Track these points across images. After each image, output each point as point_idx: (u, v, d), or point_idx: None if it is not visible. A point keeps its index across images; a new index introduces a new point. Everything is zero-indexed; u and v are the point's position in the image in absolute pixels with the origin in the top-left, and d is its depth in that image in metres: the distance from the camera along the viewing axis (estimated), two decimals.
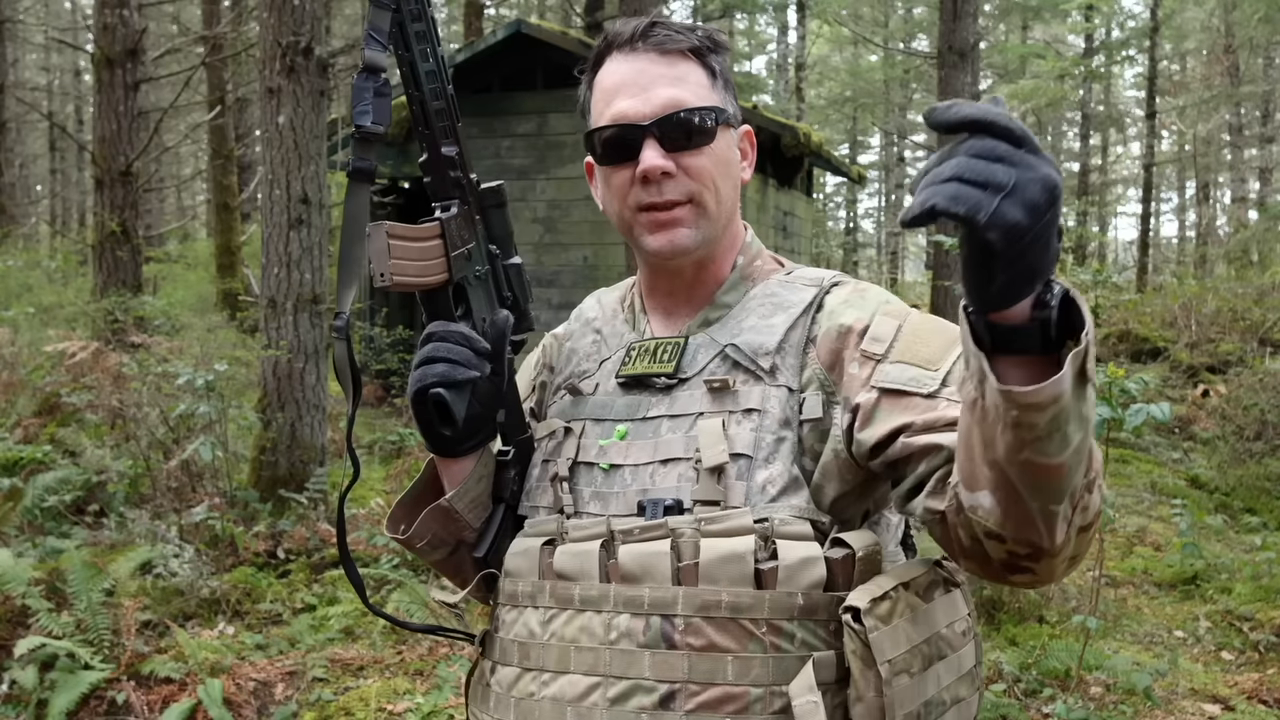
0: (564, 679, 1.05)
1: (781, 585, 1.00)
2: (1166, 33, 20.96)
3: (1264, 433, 6.92)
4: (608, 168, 1.16)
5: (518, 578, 1.12)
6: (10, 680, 3.27)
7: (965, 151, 0.71)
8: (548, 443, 1.18)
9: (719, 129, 1.14)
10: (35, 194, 25.79)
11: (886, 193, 32.52)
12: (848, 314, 1.10)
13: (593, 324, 1.27)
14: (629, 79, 1.14)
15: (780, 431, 1.06)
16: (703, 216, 1.13)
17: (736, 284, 1.18)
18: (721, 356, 1.12)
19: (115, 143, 8.49)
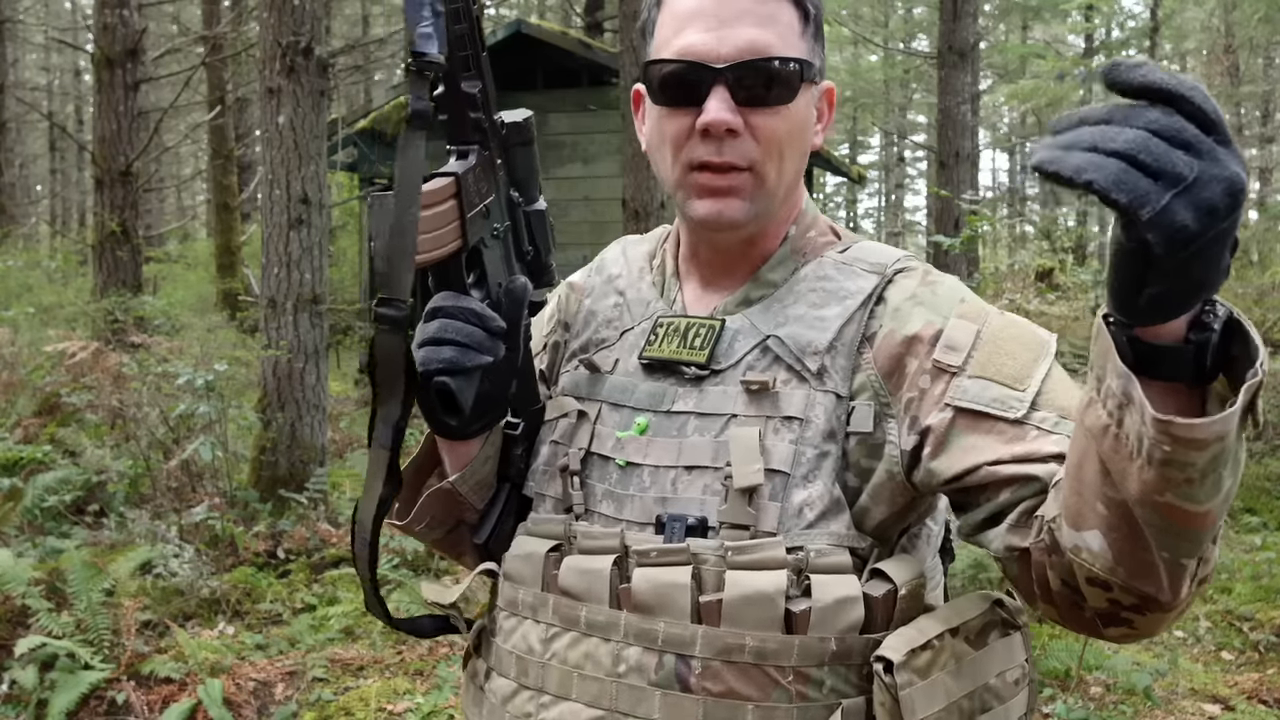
0: (565, 705, 0.94)
1: (814, 630, 0.88)
2: (1166, 33, 20.97)
3: (1264, 433, 6.92)
4: (663, 109, 0.98)
5: (519, 584, 0.99)
6: (10, 680, 3.27)
7: (1145, 124, 0.58)
8: (559, 423, 1.04)
9: (802, 86, 0.96)
10: (35, 194, 25.79)
11: (886, 193, 32.53)
12: (916, 316, 0.95)
13: (615, 283, 1.10)
14: (709, 7, 0.95)
15: (824, 445, 0.92)
16: (760, 189, 0.97)
17: (785, 259, 1.02)
18: (762, 348, 0.97)
19: (115, 143, 8.49)
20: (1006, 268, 20.06)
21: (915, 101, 29.34)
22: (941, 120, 10.15)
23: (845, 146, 30.96)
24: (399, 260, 0.87)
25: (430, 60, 0.87)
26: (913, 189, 33.90)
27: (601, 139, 9.36)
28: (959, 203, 6.59)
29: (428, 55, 0.87)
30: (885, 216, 33.45)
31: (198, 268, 14.75)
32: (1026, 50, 21.94)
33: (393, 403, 0.92)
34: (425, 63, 0.86)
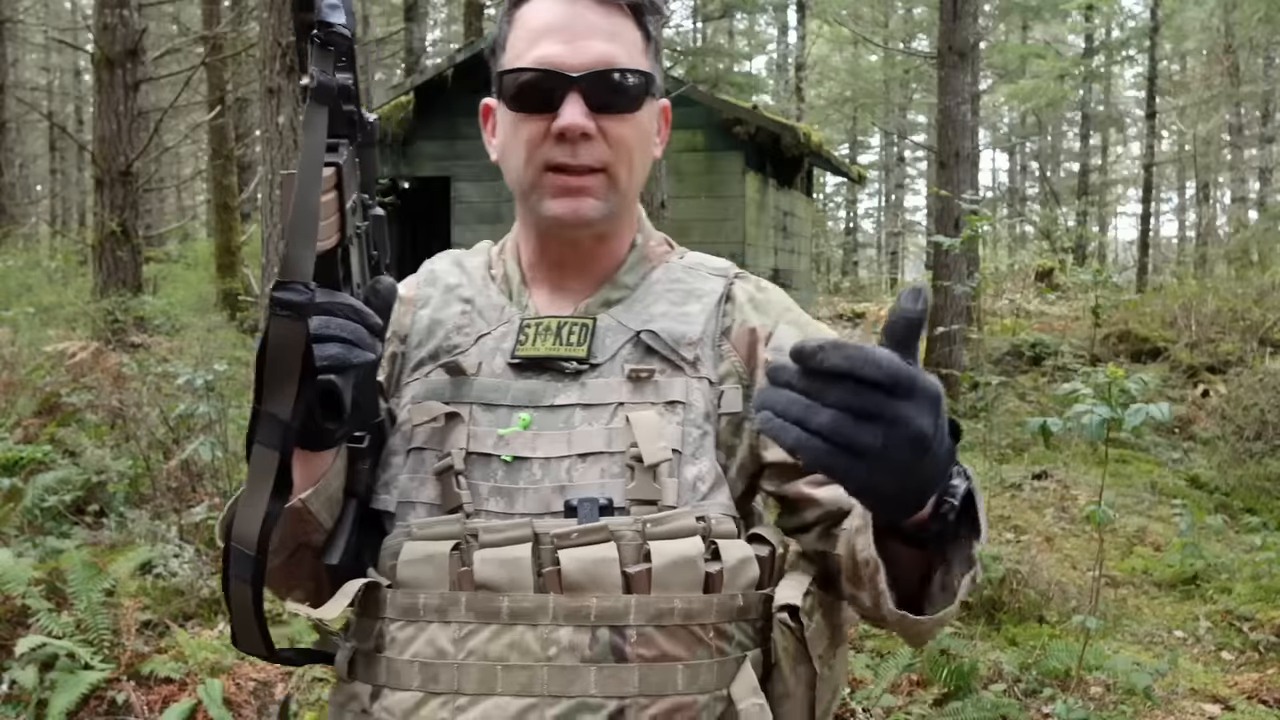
0: (488, 702, 0.93)
1: (725, 588, 0.96)
2: (1166, 33, 20.96)
3: (1264, 433, 6.92)
4: (518, 115, 1.03)
5: (417, 589, 0.96)
6: (10, 680, 3.27)
7: (835, 403, 0.67)
8: (423, 429, 1.02)
9: (647, 98, 1.05)
10: (35, 194, 25.79)
11: (886, 193, 32.52)
12: (755, 316, 1.07)
13: (456, 291, 1.11)
14: (561, 22, 1.02)
15: (704, 425, 1.01)
16: (613, 189, 1.03)
17: (637, 264, 1.10)
18: (635, 342, 1.04)
19: (115, 143, 8.49)
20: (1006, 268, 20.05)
21: (915, 101, 29.34)
22: (941, 120, 10.15)
23: (845, 146, 30.95)
24: (303, 242, 0.83)
25: (338, 31, 0.85)
26: (913, 189, 33.90)
27: None
28: (959, 203, 6.59)
29: (336, 26, 0.85)
30: (885, 216, 33.45)
31: (198, 268, 14.75)
32: (1026, 50, 21.93)
33: (283, 398, 0.85)
34: (334, 33, 0.84)
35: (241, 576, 0.90)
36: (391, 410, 1.05)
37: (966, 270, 9.74)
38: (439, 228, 11.50)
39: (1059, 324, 13.64)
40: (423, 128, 9.71)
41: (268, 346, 0.84)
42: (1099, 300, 4.88)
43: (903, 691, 3.36)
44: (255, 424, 0.86)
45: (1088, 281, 4.43)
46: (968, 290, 6.11)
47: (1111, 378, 3.01)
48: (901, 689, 3.37)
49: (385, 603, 0.97)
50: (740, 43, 28.08)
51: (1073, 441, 7.62)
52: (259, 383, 0.86)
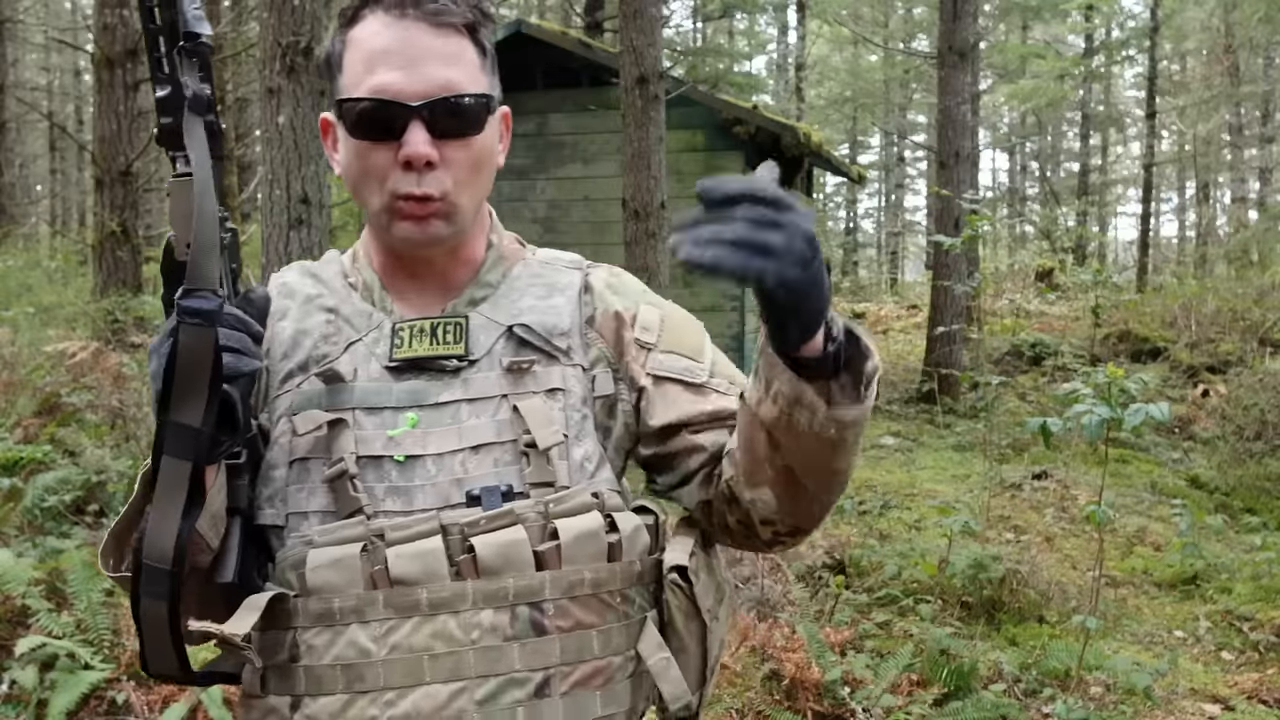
0: (418, 693, 0.96)
1: (625, 555, 1.03)
2: (1166, 33, 20.95)
3: (1264, 433, 6.92)
4: (361, 143, 1.04)
5: (330, 594, 0.97)
6: (10, 680, 3.27)
7: (741, 217, 0.80)
8: (306, 439, 1.03)
9: (487, 117, 1.07)
10: (35, 194, 25.79)
11: (886, 193, 32.52)
12: (615, 301, 1.14)
13: (317, 301, 1.11)
14: (396, 46, 1.02)
15: (583, 409, 1.07)
16: (457, 212, 1.06)
17: (496, 263, 1.13)
18: (508, 336, 1.08)
19: (115, 143, 8.49)
20: (1006, 268, 20.04)
21: (915, 101, 29.33)
22: (941, 120, 10.14)
23: (845, 146, 30.95)
24: (207, 250, 0.87)
25: (205, 42, 0.89)
26: (913, 189, 33.89)
27: (601, 139, 9.36)
28: (959, 203, 6.59)
29: (203, 37, 0.89)
30: (885, 216, 33.45)
31: None
32: (1026, 50, 21.92)
33: (193, 407, 0.88)
34: (201, 45, 0.89)
35: (155, 594, 0.91)
36: (262, 426, 1.05)
37: (966, 270, 9.73)
38: None
39: (1059, 324, 13.64)
40: None
41: (177, 356, 0.86)
42: (1099, 300, 4.88)
43: (903, 691, 3.36)
44: (162, 436, 0.89)
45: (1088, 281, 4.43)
46: (968, 290, 6.11)
47: (1111, 378, 3.01)
48: (901, 689, 3.38)
49: (296, 612, 0.98)
50: (740, 43, 28.07)
51: (1073, 441, 7.62)
52: (165, 394, 0.88)
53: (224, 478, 0.98)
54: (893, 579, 4.43)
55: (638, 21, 6.81)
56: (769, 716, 3.28)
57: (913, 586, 4.35)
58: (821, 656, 3.43)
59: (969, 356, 9.72)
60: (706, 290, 9.34)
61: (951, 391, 9.51)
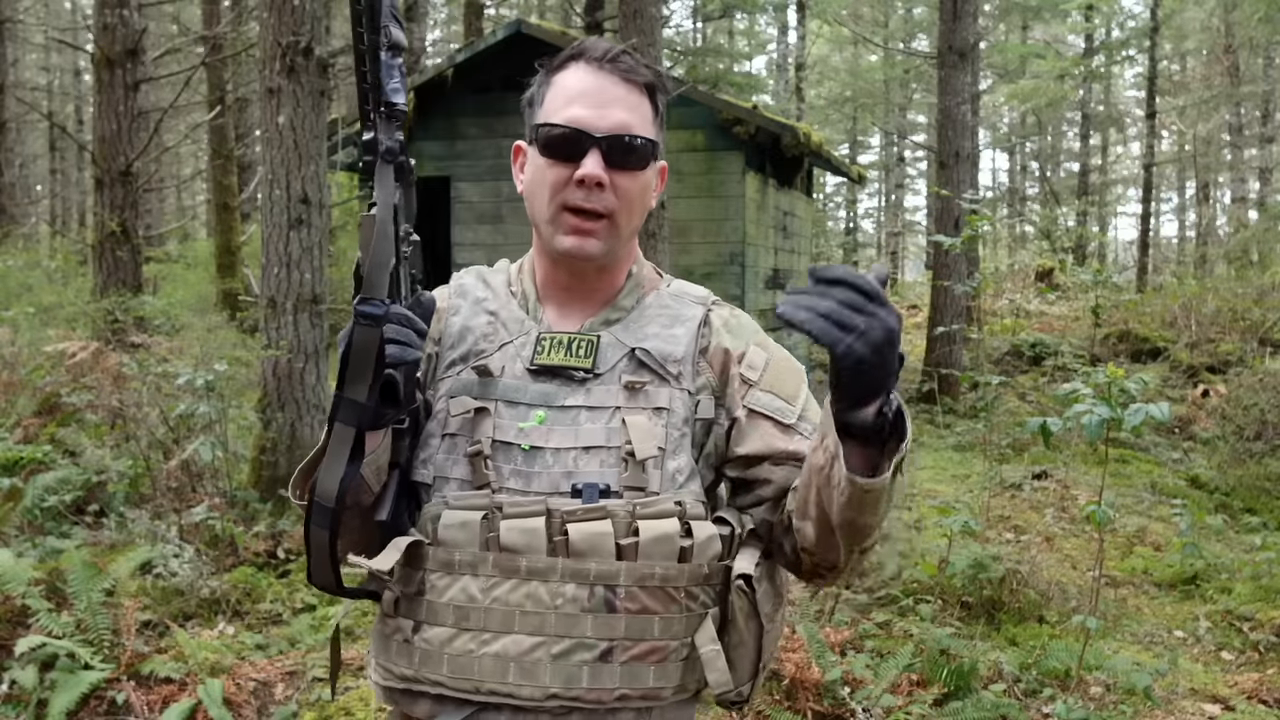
0: (507, 638, 1.18)
1: (695, 559, 1.20)
2: (1166, 33, 20.94)
3: (1264, 433, 6.92)
4: (548, 161, 1.25)
5: (454, 547, 1.20)
6: (10, 680, 3.27)
7: (836, 298, 0.98)
8: (458, 419, 1.24)
9: (651, 160, 1.28)
10: (35, 194, 25.78)
11: (886, 193, 32.51)
12: (728, 339, 1.31)
13: (483, 304, 1.33)
14: (592, 90, 1.24)
15: (683, 428, 1.24)
16: (614, 233, 1.26)
17: (633, 290, 1.33)
18: (630, 356, 1.26)
19: (115, 143, 8.49)
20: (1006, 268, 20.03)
21: (915, 101, 29.32)
22: (941, 120, 10.14)
23: (845, 146, 30.94)
24: (381, 269, 1.11)
25: (401, 109, 1.13)
26: (913, 189, 33.88)
27: None
28: (959, 203, 6.59)
29: (399, 105, 1.13)
30: (885, 216, 33.44)
31: (198, 268, 14.75)
32: (1026, 50, 21.92)
33: (361, 386, 1.11)
34: (398, 110, 1.13)
35: (321, 524, 1.15)
36: (428, 400, 1.27)
37: (966, 270, 9.73)
38: (439, 227, 11.50)
39: (1059, 324, 13.64)
40: (422, 128, 9.71)
41: (351, 348, 1.10)
42: (1099, 300, 4.88)
43: (903, 691, 3.36)
44: (337, 406, 1.12)
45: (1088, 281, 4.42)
46: (968, 290, 6.10)
47: (1111, 378, 3.01)
48: (901, 689, 3.37)
49: (427, 557, 1.21)
50: (740, 43, 28.06)
51: (1073, 441, 7.61)
52: (342, 375, 1.11)
53: (389, 439, 1.20)
54: (893, 579, 4.43)
55: (638, 21, 6.80)
56: (769, 716, 3.28)
57: (913, 586, 4.35)
58: (821, 656, 3.42)
59: (969, 356, 9.72)
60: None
61: (951, 391, 9.50)
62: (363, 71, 1.13)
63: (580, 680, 1.17)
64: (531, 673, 1.17)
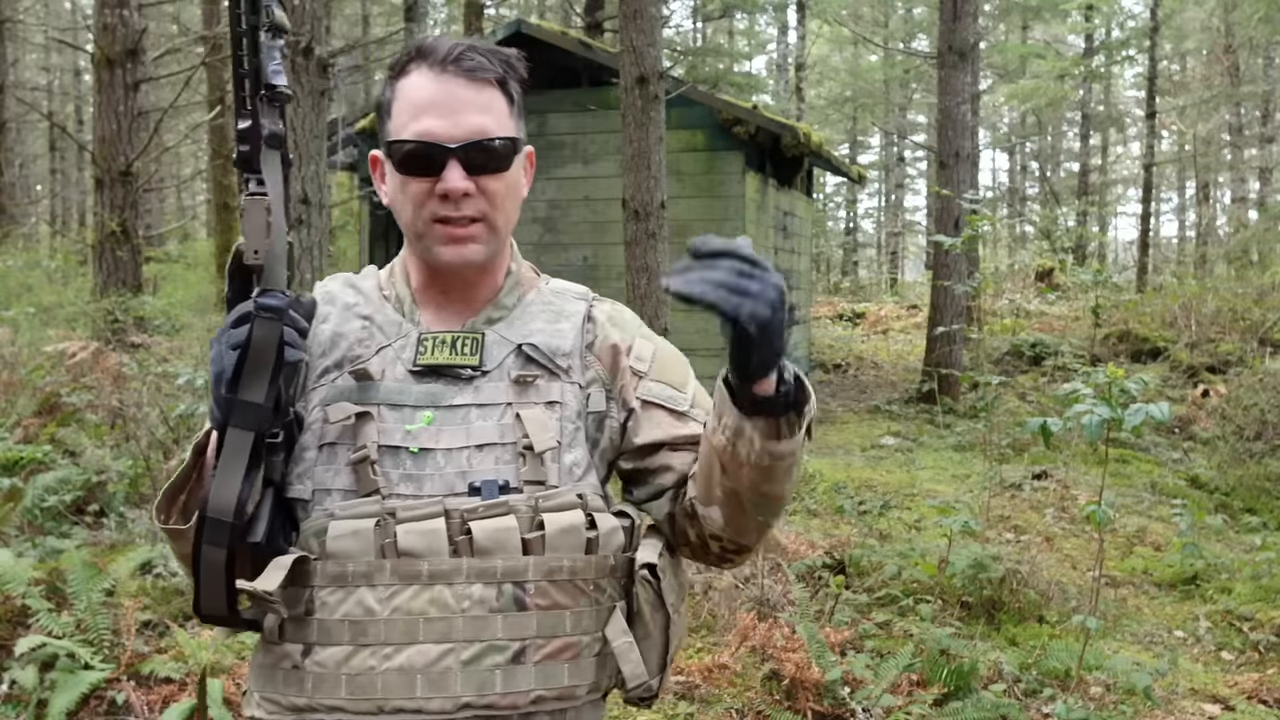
0: (411, 649, 1.12)
1: (601, 551, 1.19)
2: (1166, 33, 20.95)
3: (1264, 433, 6.92)
4: (406, 177, 1.21)
5: (345, 559, 1.13)
6: (10, 680, 3.27)
7: (725, 267, 1.00)
8: (336, 427, 1.18)
9: (514, 156, 1.24)
10: (35, 194, 25.78)
11: (886, 193, 32.51)
12: (615, 333, 1.30)
13: (354, 309, 1.28)
14: (438, 99, 1.19)
15: (576, 421, 1.23)
16: (492, 234, 1.23)
17: (513, 289, 1.30)
18: (517, 352, 1.24)
19: (115, 143, 8.49)
20: (1006, 268, 20.04)
21: (915, 101, 29.32)
22: (941, 120, 10.14)
23: (845, 146, 30.94)
24: (280, 258, 1.09)
25: (283, 92, 1.09)
26: (913, 189, 33.87)
27: (601, 139, 9.36)
28: (959, 203, 6.59)
29: (281, 88, 1.09)
30: (885, 216, 33.44)
31: (198, 268, 14.76)
32: (1026, 50, 21.92)
33: (259, 386, 1.07)
34: (282, 94, 1.09)
35: (216, 541, 1.08)
36: (298, 412, 1.20)
37: (966, 270, 9.73)
38: None
39: (1059, 324, 13.64)
40: None
41: (251, 344, 1.05)
42: (1099, 300, 4.88)
43: (902, 691, 3.36)
44: (230, 409, 1.07)
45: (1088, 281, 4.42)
46: (968, 290, 6.10)
47: (1111, 378, 3.01)
48: (901, 689, 3.38)
49: (314, 573, 1.14)
50: (740, 43, 28.06)
51: (1073, 441, 7.61)
52: (236, 375, 1.06)
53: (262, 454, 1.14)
54: (893, 579, 4.43)
55: (638, 21, 6.81)
56: (769, 716, 3.28)
57: (913, 586, 4.35)
58: (821, 656, 3.43)
59: (969, 356, 9.72)
60: None
61: (951, 391, 9.51)
62: (239, 55, 1.07)
63: (494, 685, 1.13)
64: (441, 683, 1.12)
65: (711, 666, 3.55)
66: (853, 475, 6.69)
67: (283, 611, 1.13)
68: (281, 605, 1.12)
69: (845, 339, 15.85)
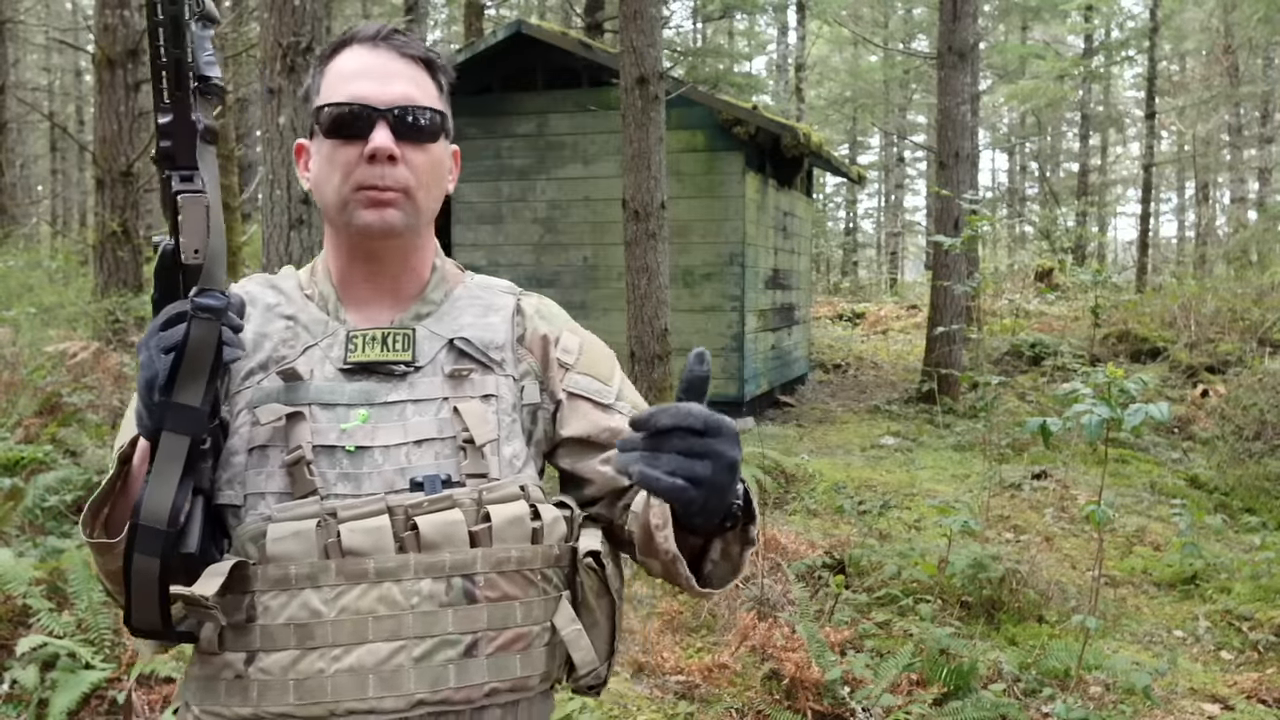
0: (361, 649, 1.10)
1: (546, 540, 1.18)
2: (1166, 33, 20.95)
3: (1263, 433, 6.92)
4: (334, 142, 1.19)
5: (288, 561, 1.10)
6: (11, 680, 3.27)
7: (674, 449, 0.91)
8: (267, 429, 1.15)
9: (441, 134, 1.24)
10: (36, 194, 25.78)
11: (886, 193, 32.51)
12: (543, 325, 1.30)
13: (276, 310, 1.25)
14: (370, 67, 1.20)
15: (512, 414, 1.22)
16: (413, 207, 1.20)
17: (439, 284, 1.29)
18: (449, 347, 1.23)
19: (116, 143, 8.50)
20: (1006, 268, 20.05)
21: (915, 101, 29.33)
22: (941, 120, 10.15)
23: (845, 146, 30.94)
24: (218, 258, 1.05)
25: (217, 85, 1.05)
26: (913, 189, 33.88)
27: (601, 139, 9.36)
28: (959, 203, 6.60)
29: (215, 80, 1.05)
30: (885, 216, 33.44)
31: None
32: (1026, 50, 21.93)
33: (194, 389, 1.03)
34: (216, 86, 1.05)
35: (149, 551, 1.03)
36: (223, 417, 1.16)
37: (966, 270, 9.74)
38: (439, 228, 11.47)
39: (1059, 324, 13.64)
40: None
41: (188, 344, 1.01)
42: (1099, 300, 4.88)
43: (902, 691, 3.37)
44: (163, 413, 1.02)
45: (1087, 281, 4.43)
46: (967, 290, 6.11)
47: (1111, 378, 3.02)
48: (901, 689, 3.38)
49: (255, 578, 1.11)
50: (740, 43, 28.07)
51: (1072, 441, 7.62)
52: (172, 377, 1.02)
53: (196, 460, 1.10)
54: (892, 579, 4.44)
55: (638, 22, 6.81)
56: (769, 716, 3.28)
57: (912, 586, 4.36)
58: (821, 656, 3.43)
59: (969, 356, 9.73)
60: (707, 291, 9.34)
61: (951, 391, 9.51)
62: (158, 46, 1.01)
63: (447, 680, 1.12)
64: (393, 681, 1.10)
65: (711, 666, 3.55)
66: (852, 475, 6.70)
67: (221, 619, 1.10)
68: (220, 612, 1.08)
69: (845, 339, 15.86)
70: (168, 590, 1.05)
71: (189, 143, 1.05)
